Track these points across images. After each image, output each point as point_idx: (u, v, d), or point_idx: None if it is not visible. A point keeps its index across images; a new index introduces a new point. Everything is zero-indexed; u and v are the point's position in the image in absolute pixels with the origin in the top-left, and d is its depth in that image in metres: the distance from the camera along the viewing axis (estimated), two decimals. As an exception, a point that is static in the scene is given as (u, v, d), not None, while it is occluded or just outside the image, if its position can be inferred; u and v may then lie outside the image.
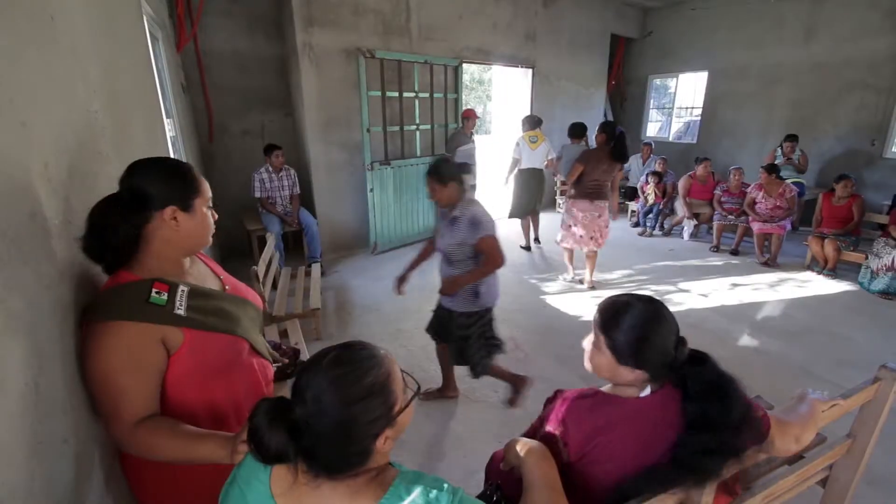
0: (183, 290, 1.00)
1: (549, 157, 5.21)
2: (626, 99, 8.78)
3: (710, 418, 0.92)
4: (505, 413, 2.53)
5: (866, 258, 4.21)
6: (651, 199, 6.16)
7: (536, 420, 1.14)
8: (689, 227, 5.86)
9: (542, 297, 4.08)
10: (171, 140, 3.27)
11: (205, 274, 1.13)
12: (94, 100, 1.32)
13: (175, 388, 0.98)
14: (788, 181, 5.13)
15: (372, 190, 5.03)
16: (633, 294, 1.04)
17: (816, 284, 4.39)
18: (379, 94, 4.94)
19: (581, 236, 4.08)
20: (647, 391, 0.99)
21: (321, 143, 4.85)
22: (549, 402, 1.15)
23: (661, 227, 6.20)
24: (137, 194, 0.95)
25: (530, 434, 1.10)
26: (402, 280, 2.47)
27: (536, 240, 5.59)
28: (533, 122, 5.25)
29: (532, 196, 5.29)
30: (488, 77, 20.14)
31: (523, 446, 0.96)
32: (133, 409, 0.91)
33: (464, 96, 5.90)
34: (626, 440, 0.95)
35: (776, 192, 4.95)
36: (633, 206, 6.66)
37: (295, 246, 5.24)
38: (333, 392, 0.69)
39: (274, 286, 3.44)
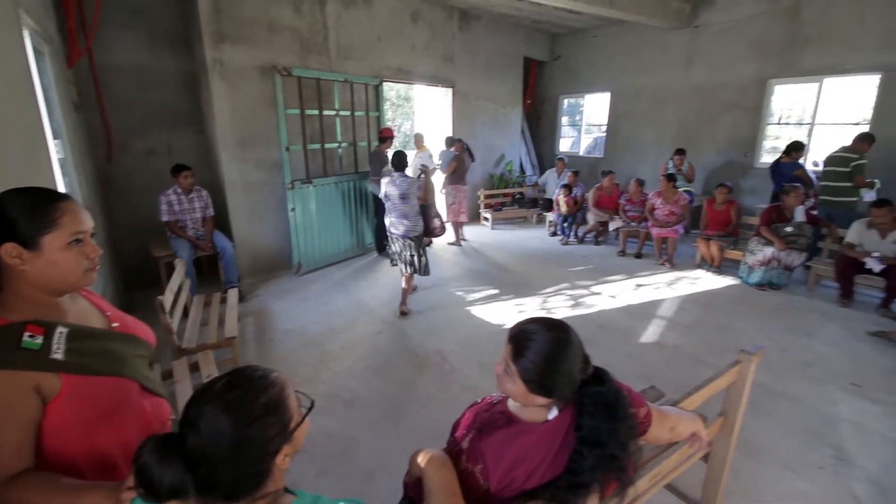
0: (62, 332, 0.93)
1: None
2: (541, 117, 9.38)
3: (601, 436, 1.00)
4: (439, 428, 2.56)
5: (744, 255, 4.84)
6: (564, 209, 6.60)
7: (450, 438, 1.16)
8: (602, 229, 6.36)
9: (467, 308, 4.20)
10: (60, 162, 2.99)
11: (86, 311, 1.06)
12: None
13: (53, 439, 0.91)
14: (680, 190, 5.77)
15: (293, 209, 4.90)
16: (540, 321, 1.05)
17: (705, 280, 4.96)
18: (298, 111, 4.86)
19: (460, 211, 6.30)
20: (554, 411, 1.05)
21: (236, 161, 4.67)
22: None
23: (576, 235, 6.66)
24: None
25: (449, 450, 1.12)
26: None
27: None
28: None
29: None
30: (414, 94, 20.45)
31: (424, 456, 1.01)
32: (4, 466, 0.84)
33: (391, 113, 6.05)
34: (538, 460, 1.03)
35: (672, 199, 5.54)
36: (550, 216, 7.10)
37: (210, 271, 4.92)
38: (229, 416, 0.70)
39: (186, 315, 3.23)
